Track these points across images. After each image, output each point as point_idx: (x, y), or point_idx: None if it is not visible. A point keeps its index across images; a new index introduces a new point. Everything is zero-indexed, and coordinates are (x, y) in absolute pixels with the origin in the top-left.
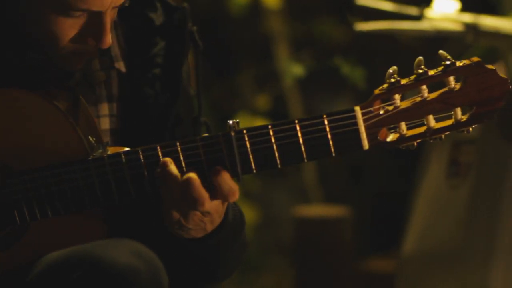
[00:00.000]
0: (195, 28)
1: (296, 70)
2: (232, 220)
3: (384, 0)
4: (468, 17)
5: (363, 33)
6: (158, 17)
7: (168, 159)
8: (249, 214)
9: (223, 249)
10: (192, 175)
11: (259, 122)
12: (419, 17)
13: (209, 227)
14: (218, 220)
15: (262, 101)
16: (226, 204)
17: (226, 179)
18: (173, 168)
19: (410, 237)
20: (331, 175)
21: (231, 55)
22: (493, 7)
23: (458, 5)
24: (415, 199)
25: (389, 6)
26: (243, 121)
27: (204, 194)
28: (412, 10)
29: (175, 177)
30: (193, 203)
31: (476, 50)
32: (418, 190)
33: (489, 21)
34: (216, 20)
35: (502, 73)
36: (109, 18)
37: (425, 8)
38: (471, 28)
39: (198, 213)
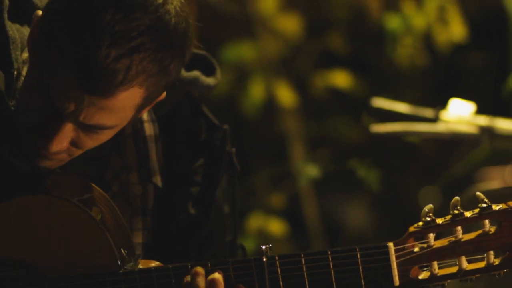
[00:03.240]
0: (234, 149)
1: (311, 171)
2: None
3: (399, 102)
4: (484, 120)
5: (378, 134)
6: (199, 135)
7: (200, 269)
8: None
9: None
10: None
11: (273, 221)
12: (434, 120)
13: None
14: None
15: (277, 200)
16: None
17: None
18: (201, 282)
19: None
20: None
21: (246, 154)
22: (508, 109)
23: (473, 108)
24: None
25: (404, 108)
26: (258, 220)
27: None
28: (428, 113)
29: None
30: None
31: (484, 150)
32: None
33: (504, 124)
34: (231, 119)
35: None
36: (68, 130)
37: (440, 111)
38: (487, 131)
39: None
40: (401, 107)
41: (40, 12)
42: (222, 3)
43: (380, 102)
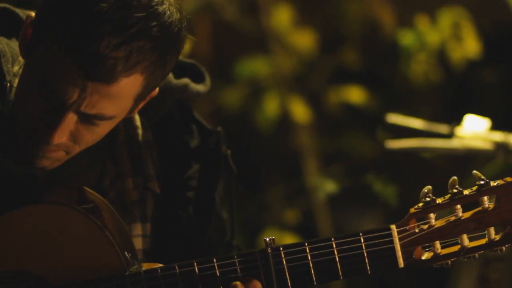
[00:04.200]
0: (229, 152)
1: (329, 186)
2: None
3: (414, 118)
4: (498, 136)
5: (393, 150)
6: (193, 140)
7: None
8: None
9: None
10: None
11: (288, 237)
12: (449, 136)
13: None
14: None
15: (291, 216)
16: None
17: None
18: None
19: None
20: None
21: (260, 170)
22: None
23: (488, 124)
24: None
25: (419, 124)
26: (272, 236)
27: None
28: (443, 129)
29: None
30: None
31: (499, 166)
32: None
33: None
34: (245, 135)
35: None
36: (70, 120)
37: (455, 127)
38: (501, 147)
39: None
40: (416, 123)
41: (33, 14)
42: (237, 20)
43: (395, 118)
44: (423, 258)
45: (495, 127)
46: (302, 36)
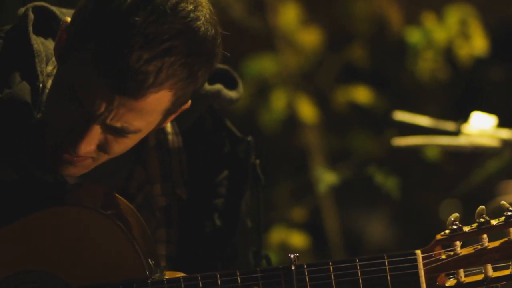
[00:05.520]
0: (258, 161)
1: (330, 178)
2: None
3: (421, 115)
4: (505, 133)
5: (400, 148)
6: (223, 147)
7: None
8: None
9: None
10: None
11: (295, 235)
12: (456, 133)
13: None
14: None
15: (298, 214)
16: None
17: None
18: None
19: None
20: None
21: (267, 168)
22: None
23: (495, 121)
24: None
25: (426, 122)
26: (279, 234)
27: None
28: (450, 126)
29: None
30: None
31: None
32: None
33: None
34: (252, 133)
35: None
36: (96, 131)
37: (462, 124)
38: (508, 144)
39: None
40: (423, 121)
41: (68, 19)
42: (244, 17)
43: (402, 116)
44: (446, 285)
45: (502, 124)
46: (309, 34)
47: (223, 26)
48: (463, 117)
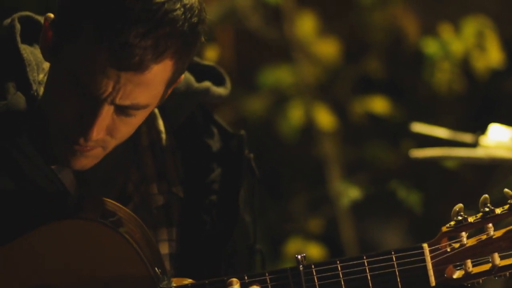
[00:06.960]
0: (251, 155)
1: (353, 193)
2: None
3: (438, 127)
4: None
5: (418, 159)
6: (215, 143)
7: (235, 280)
8: None
9: None
10: None
11: (311, 246)
12: (474, 145)
13: None
14: None
15: (315, 225)
16: None
17: None
18: None
19: None
20: None
21: (284, 178)
22: None
23: None
24: None
25: (444, 133)
26: (296, 245)
27: None
28: (467, 138)
29: None
30: None
31: None
32: None
33: None
34: (269, 144)
35: None
36: (107, 114)
37: (480, 136)
38: None
39: None
40: (440, 132)
41: (52, 15)
42: (261, 28)
43: (419, 127)
44: (454, 276)
45: None
46: (326, 45)
47: (240, 36)
48: (481, 129)
